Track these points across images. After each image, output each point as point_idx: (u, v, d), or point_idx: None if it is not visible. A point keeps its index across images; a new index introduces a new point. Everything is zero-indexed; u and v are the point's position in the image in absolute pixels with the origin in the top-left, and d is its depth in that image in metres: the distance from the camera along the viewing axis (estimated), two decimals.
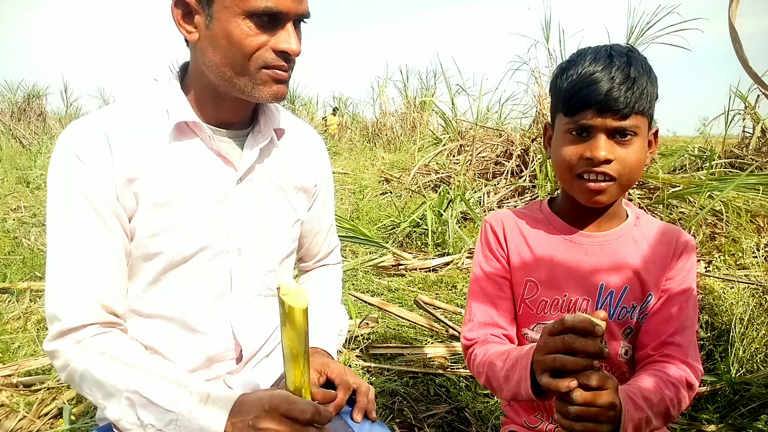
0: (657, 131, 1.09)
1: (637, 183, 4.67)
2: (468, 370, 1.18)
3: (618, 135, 1.00)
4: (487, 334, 1.14)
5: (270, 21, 0.95)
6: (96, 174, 0.95)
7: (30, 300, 3.06)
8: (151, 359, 0.97)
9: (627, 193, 4.39)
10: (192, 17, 0.98)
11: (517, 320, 1.18)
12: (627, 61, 1.00)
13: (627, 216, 1.15)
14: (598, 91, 0.98)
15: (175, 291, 1.03)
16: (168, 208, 1.00)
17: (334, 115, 17.37)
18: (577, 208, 1.11)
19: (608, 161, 1.00)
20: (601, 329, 0.80)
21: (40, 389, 2.13)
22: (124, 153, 0.98)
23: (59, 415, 1.98)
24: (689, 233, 3.68)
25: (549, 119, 1.15)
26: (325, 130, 16.41)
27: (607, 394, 0.82)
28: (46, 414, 2.00)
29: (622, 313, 1.10)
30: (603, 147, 1.00)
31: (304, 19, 1.02)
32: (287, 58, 0.98)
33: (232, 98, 1.03)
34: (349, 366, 2.30)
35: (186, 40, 1.02)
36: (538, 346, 0.89)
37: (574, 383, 0.81)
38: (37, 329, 2.69)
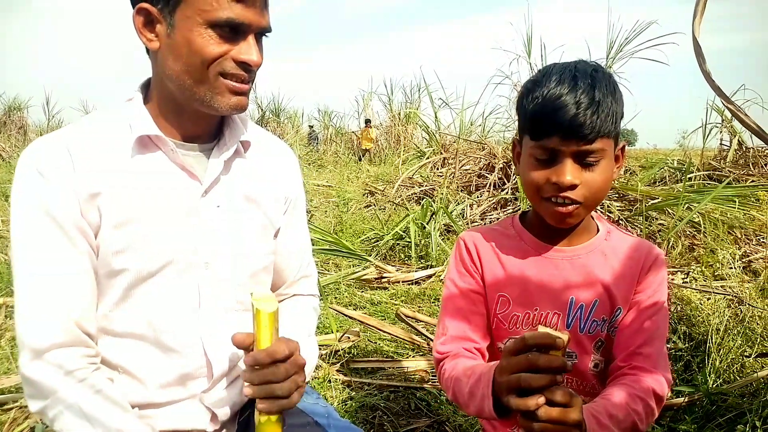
0: (624, 146, 1.10)
1: (617, 195, 4.73)
2: None
3: (584, 159, 1.01)
4: (459, 347, 1.14)
5: (231, 32, 0.96)
6: (59, 190, 0.94)
7: (5, 316, 3.00)
8: (134, 414, 0.98)
9: (606, 205, 4.46)
10: (153, 26, 0.99)
11: (492, 335, 1.18)
12: (591, 83, 0.99)
13: (598, 230, 1.16)
14: (563, 117, 0.97)
15: (143, 308, 1.01)
16: (131, 224, 0.99)
17: (368, 127, 15.66)
18: (547, 223, 1.12)
19: (573, 186, 1.01)
20: (563, 341, 0.82)
21: (12, 408, 2.08)
22: (87, 168, 0.97)
23: None
24: (668, 245, 3.74)
25: (517, 136, 1.15)
26: (359, 145, 15.40)
27: (572, 411, 0.83)
28: None
29: (593, 327, 1.11)
30: (569, 172, 1.00)
31: (266, 33, 1.03)
32: (247, 68, 0.99)
33: (193, 110, 1.03)
34: (329, 381, 2.28)
35: (148, 51, 1.03)
36: (500, 367, 0.90)
37: (541, 400, 0.82)
38: (11, 346, 2.63)
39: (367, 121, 15.93)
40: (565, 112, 0.97)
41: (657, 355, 1.06)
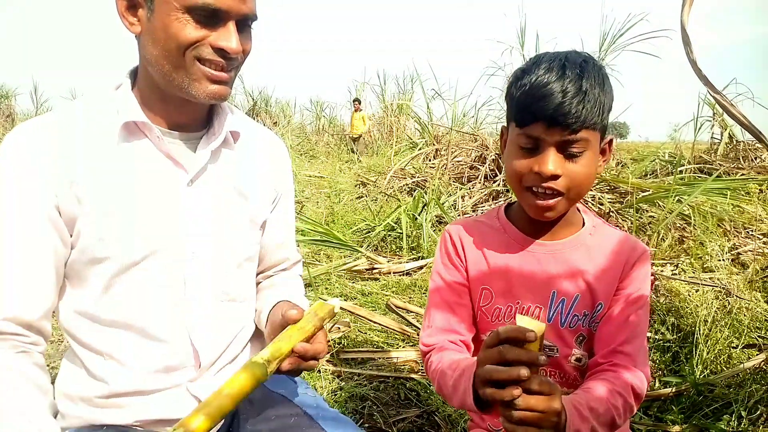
0: (611, 140, 1.09)
1: (608, 188, 4.74)
2: None
3: (567, 149, 1.00)
4: (445, 340, 1.14)
5: (210, 17, 0.95)
6: (36, 177, 0.94)
7: None
8: (42, 403, 0.94)
9: (597, 198, 4.47)
10: (135, 10, 0.98)
11: (477, 327, 1.19)
12: (580, 73, 0.98)
13: (583, 224, 1.15)
14: (548, 105, 0.96)
15: (129, 297, 1.01)
16: (114, 211, 0.98)
17: (357, 109, 13.60)
18: (531, 217, 1.11)
19: (555, 177, 0.99)
20: (534, 335, 0.82)
21: None
22: (70, 154, 0.96)
23: None
24: (658, 237, 3.76)
25: (506, 123, 1.15)
26: (351, 132, 13.60)
27: (550, 400, 0.84)
28: None
29: (574, 321, 1.11)
30: (551, 161, 0.99)
31: (251, 21, 1.01)
32: (225, 56, 0.97)
33: (176, 97, 1.01)
34: (319, 371, 2.28)
35: (137, 37, 1.02)
36: (477, 360, 0.90)
37: (517, 391, 0.82)
38: None
39: (356, 101, 13.95)
40: (551, 100, 0.96)
41: (637, 353, 1.06)
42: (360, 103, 13.94)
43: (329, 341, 1.05)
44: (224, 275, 1.10)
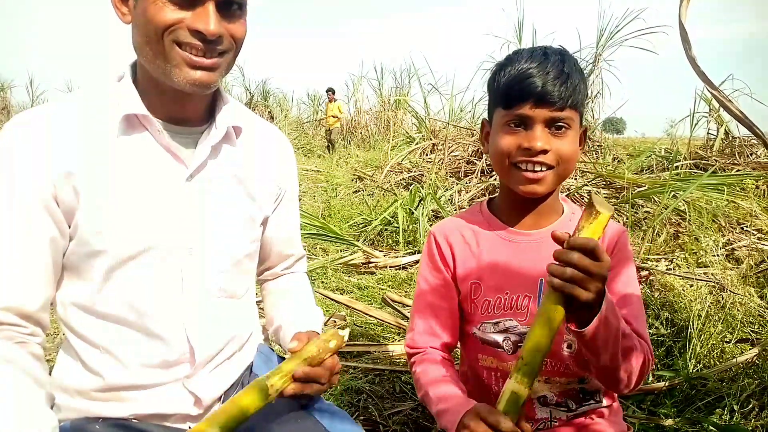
0: (586, 130, 1.16)
1: (604, 183, 4.76)
2: None
3: (554, 127, 1.06)
4: (427, 346, 1.20)
5: (187, 0, 0.93)
6: (32, 167, 0.93)
7: None
8: (40, 397, 0.92)
9: (594, 193, 4.48)
10: (127, 1, 0.98)
11: (468, 319, 1.21)
12: (561, 59, 1.07)
13: (563, 212, 1.19)
14: (535, 84, 1.04)
15: (126, 291, 1.00)
16: (110, 204, 0.97)
17: (331, 100, 13.84)
18: (515, 204, 1.16)
19: (545, 151, 1.05)
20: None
21: None
22: (67, 146, 0.95)
23: None
24: (653, 232, 3.77)
25: (487, 117, 1.19)
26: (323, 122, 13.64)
27: (601, 266, 0.88)
28: None
29: None
30: (540, 137, 1.05)
31: (237, 6, 0.99)
32: (203, 38, 0.95)
33: (170, 89, 1.00)
34: None
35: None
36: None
37: (571, 270, 0.89)
38: None
39: (329, 91, 13.93)
40: (538, 79, 1.04)
41: (643, 330, 1.10)
42: (334, 93, 14.06)
43: (337, 372, 1.07)
44: (222, 272, 1.09)
